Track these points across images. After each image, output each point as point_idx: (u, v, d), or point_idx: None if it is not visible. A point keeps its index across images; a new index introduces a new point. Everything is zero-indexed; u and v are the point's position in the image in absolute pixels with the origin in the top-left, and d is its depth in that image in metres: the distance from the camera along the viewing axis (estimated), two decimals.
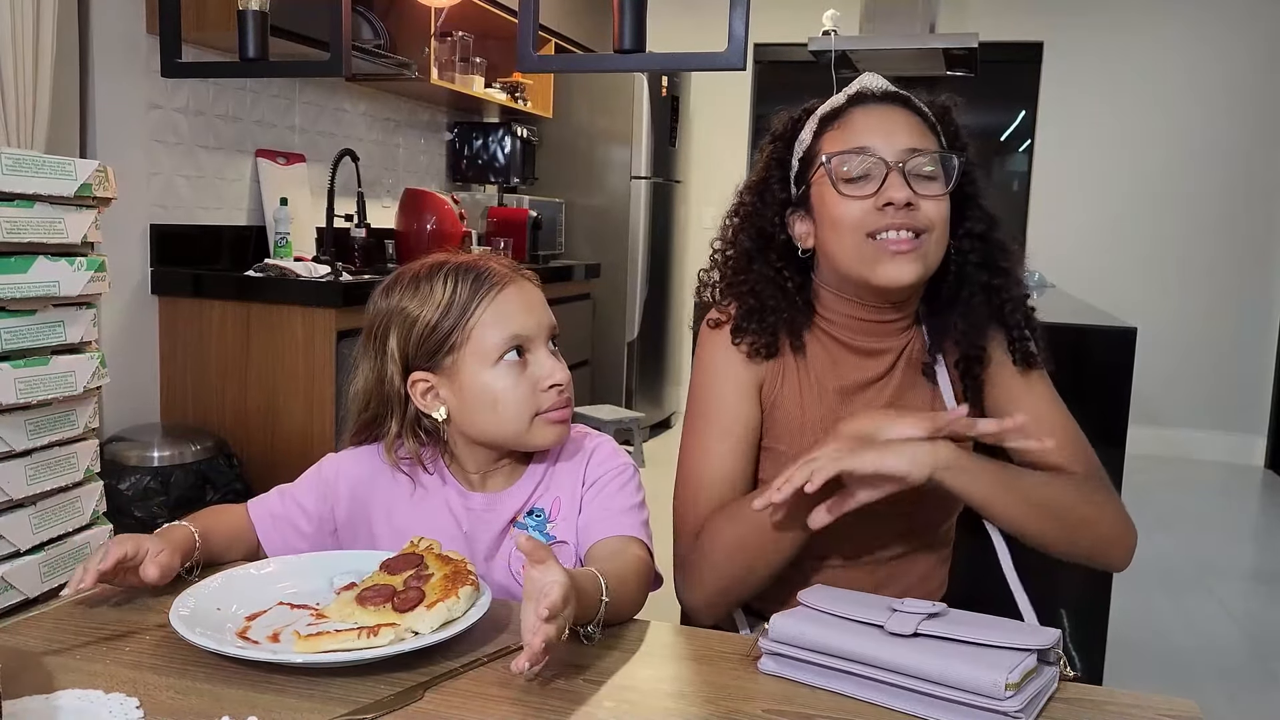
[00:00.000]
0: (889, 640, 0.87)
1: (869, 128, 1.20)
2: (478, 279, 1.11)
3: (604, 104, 5.10)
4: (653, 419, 5.45)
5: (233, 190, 3.23)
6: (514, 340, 1.09)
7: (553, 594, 0.81)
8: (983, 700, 0.82)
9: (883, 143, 1.18)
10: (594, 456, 1.17)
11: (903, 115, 1.21)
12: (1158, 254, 5.37)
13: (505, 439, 1.12)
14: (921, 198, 1.16)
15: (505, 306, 1.10)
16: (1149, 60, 5.31)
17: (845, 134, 1.21)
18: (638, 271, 5.18)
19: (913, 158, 1.17)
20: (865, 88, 1.24)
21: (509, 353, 1.09)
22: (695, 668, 0.95)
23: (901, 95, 1.23)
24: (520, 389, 1.09)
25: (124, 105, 2.77)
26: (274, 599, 1.00)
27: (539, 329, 1.12)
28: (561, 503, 1.15)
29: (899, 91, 1.24)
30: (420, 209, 3.75)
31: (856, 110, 1.22)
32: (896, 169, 1.16)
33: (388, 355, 1.12)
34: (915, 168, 1.17)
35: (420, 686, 0.85)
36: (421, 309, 1.10)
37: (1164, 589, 3.31)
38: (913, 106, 1.22)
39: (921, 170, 1.17)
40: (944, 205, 1.19)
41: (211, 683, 0.85)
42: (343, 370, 2.76)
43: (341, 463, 1.20)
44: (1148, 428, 4.99)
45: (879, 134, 1.19)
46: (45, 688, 0.82)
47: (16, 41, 2.17)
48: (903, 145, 1.17)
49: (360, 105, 3.87)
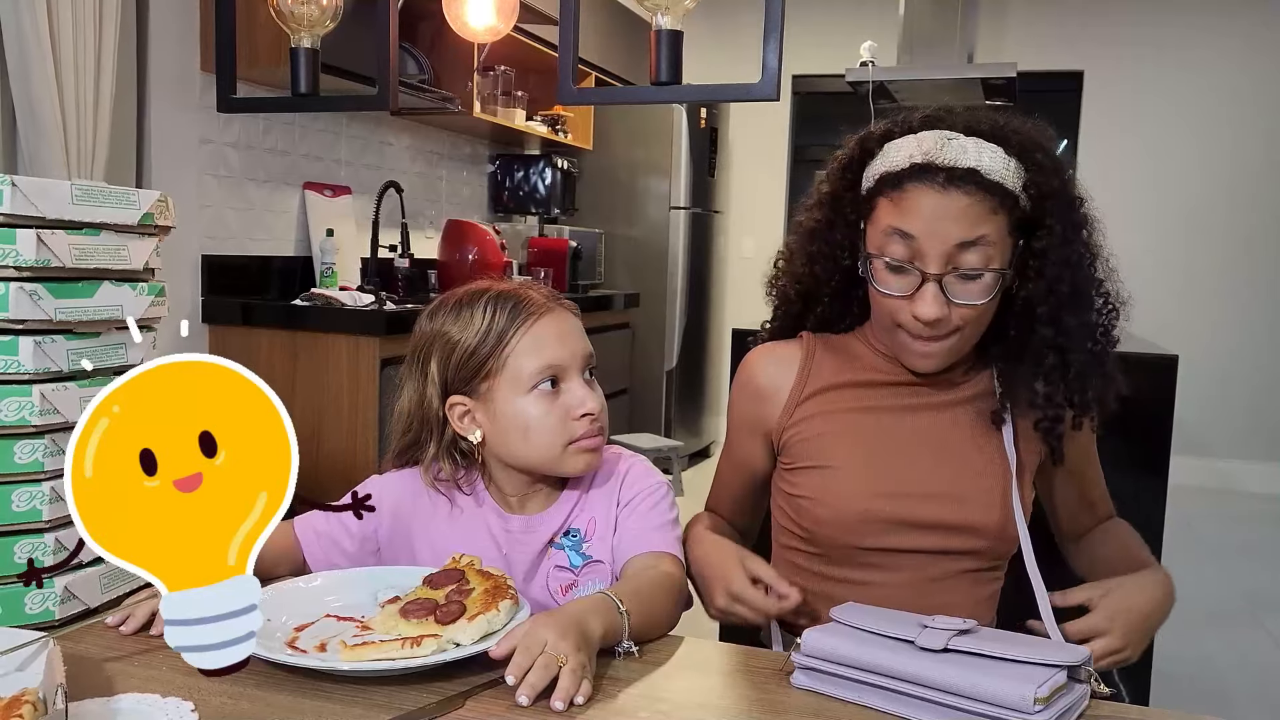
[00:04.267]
0: (920, 655, 0.89)
1: (920, 214, 1.12)
2: (515, 307, 1.13)
3: (643, 136, 5.16)
4: (691, 448, 5.46)
5: (281, 222, 3.31)
6: (547, 369, 1.11)
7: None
8: (1011, 714, 0.83)
9: (929, 238, 1.11)
10: (628, 477, 1.20)
11: (963, 203, 1.11)
12: (1199, 281, 5.31)
13: (537, 465, 1.14)
14: (956, 306, 1.13)
15: (540, 335, 1.12)
16: (1189, 89, 5.28)
17: (898, 210, 1.14)
18: (677, 301, 5.21)
19: (960, 255, 1.11)
20: (930, 160, 1.12)
21: (543, 382, 1.11)
22: (728, 681, 0.96)
23: (969, 173, 1.11)
24: (552, 417, 1.11)
25: (178, 139, 2.86)
26: (321, 611, 1.03)
27: (573, 359, 1.13)
28: (597, 523, 1.17)
29: (968, 169, 1.11)
30: (462, 239, 3.82)
31: (915, 187, 1.13)
32: (934, 279, 1.12)
33: (428, 378, 1.15)
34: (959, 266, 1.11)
35: (461, 695, 0.88)
36: (462, 334, 1.13)
37: (1210, 621, 3.25)
38: (981, 182, 1.11)
39: (966, 271, 1.12)
40: (982, 307, 1.14)
41: (262, 689, 0.88)
42: (386, 397, 2.81)
43: (384, 484, 1.23)
44: (1191, 458, 4.92)
45: (929, 224, 1.11)
46: (105, 691, 0.86)
47: (79, 78, 2.27)
48: (954, 239, 1.10)
49: (404, 139, 3.96)
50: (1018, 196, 1.13)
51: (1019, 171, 1.13)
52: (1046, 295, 1.14)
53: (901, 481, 1.20)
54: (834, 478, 1.22)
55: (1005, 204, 1.12)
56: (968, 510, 1.19)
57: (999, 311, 1.18)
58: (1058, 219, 1.14)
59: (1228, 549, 4.19)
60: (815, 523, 1.23)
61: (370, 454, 2.82)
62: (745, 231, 6.09)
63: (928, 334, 1.15)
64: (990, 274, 1.12)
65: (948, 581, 1.22)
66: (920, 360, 1.19)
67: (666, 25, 1.43)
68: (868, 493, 1.20)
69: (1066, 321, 1.14)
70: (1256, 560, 4.10)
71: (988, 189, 1.11)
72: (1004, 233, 1.13)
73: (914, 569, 1.21)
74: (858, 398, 1.25)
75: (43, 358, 0.97)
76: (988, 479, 1.21)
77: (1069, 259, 1.14)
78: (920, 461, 1.21)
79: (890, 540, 1.20)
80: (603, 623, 0.94)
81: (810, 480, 1.23)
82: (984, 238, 1.11)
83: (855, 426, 1.24)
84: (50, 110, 2.19)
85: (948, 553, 1.21)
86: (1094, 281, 1.18)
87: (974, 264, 1.11)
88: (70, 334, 1.00)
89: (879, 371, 1.26)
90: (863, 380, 1.26)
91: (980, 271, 1.12)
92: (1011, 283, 1.16)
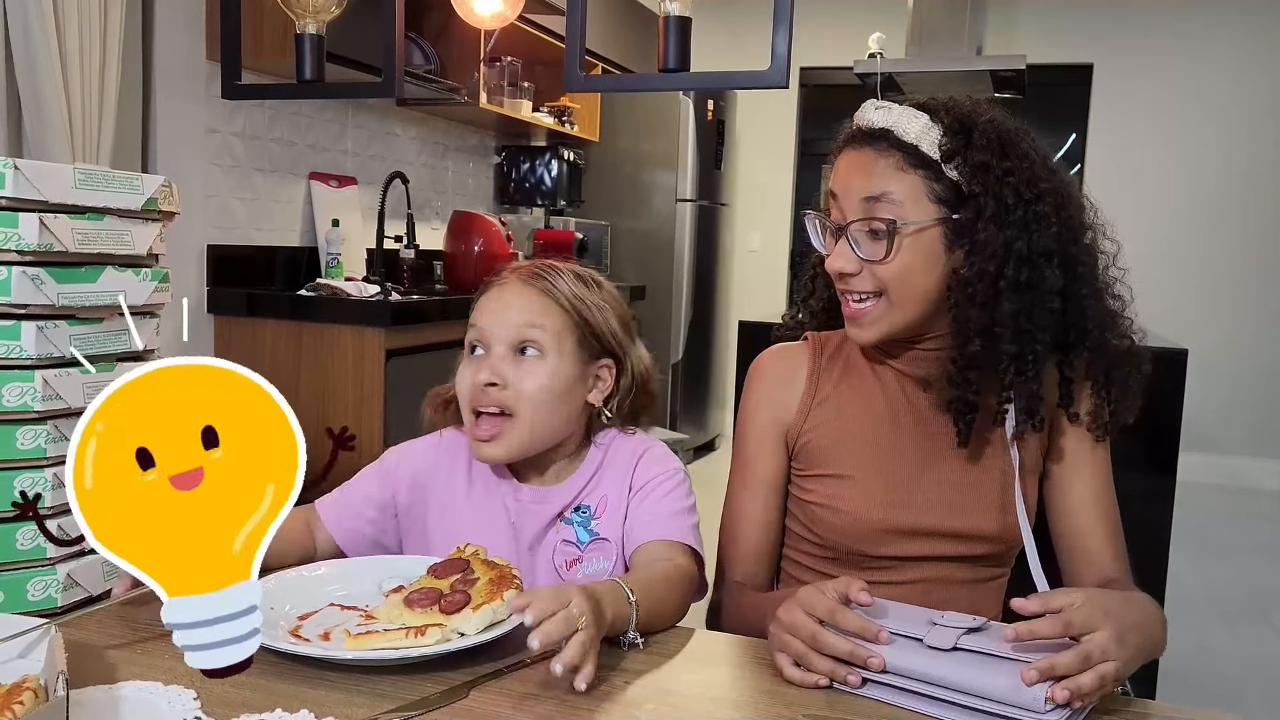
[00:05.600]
0: (929, 653, 0.88)
1: (839, 173, 1.18)
2: (486, 281, 1.19)
3: (649, 128, 5.15)
4: (697, 441, 5.46)
5: (286, 212, 3.30)
6: (473, 334, 1.16)
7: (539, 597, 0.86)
8: (1024, 714, 0.82)
9: (842, 194, 1.16)
10: (642, 460, 1.20)
11: (869, 157, 1.15)
12: (1209, 276, 5.29)
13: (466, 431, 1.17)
14: (867, 264, 1.14)
15: (481, 304, 1.17)
16: (1199, 81, 5.25)
17: (833, 177, 1.19)
18: (682, 294, 5.20)
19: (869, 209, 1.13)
20: (857, 125, 1.19)
21: (475, 348, 1.16)
22: (736, 673, 0.95)
23: (882, 133, 1.14)
24: (464, 381, 1.15)
25: (183, 129, 2.86)
26: (325, 600, 1.03)
27: (497, 328, 1.14)
28: (608, 501, 1.18)
29: (881, 128, 1.15)
30: (468, 231, 3.81)
31: (843, 151, 1.19)
32: (843, 231, 1.15)
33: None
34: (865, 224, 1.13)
35: (466, 685, 0.87)
36: None
37: (1219, 618, 3.24)
38: (892, 140, 1.14)
39: (872, 226, 1.13)
40: (899, 263, 1.13)
41: (265, 677, 0.87)
42: (391, 388, 2.80)
43: (403, 452, 1.25)
44: (1200, 454, 4.90)
45: (842, 183, 1.16)
46: (108, 679, 0.85)
47: (84, 67, 2.26)
48: (860, 193, 1.14)
49: (410, 129, 3.95)
50: (934, 161, 1.12)
51: (944, 140, 1.13)
52: (979, 275, 1.11)
53: (913, 490, 1.19)
54: (849, 487, 1.21)
55: (916, 165, 1.12)
56: (974, 516, 1.19)
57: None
58: (989, 195, 1.11)
59: (1236, 546, 4.17)
60: (831, 531, 1.22)
61: (376, 445, 2.81)
62: (752, 225, 6.08)
63: (845, 288, 1.16)
64: (892, 230, 1.11)
65: (953, 584, 1.22)
66: (851, 327, 1.18)
67: (675, 12, 1.41)
68: (883, 503, 1.19)
69: (1003, 307, 1.10)
70: (1265, 557, 4.08)
71: (898, 147, 1.13)
72: (918, 195, 1.12)
73: (920, 572, 1.21)
74: (865, 399, 1.24)
75: (45, 343, 0.96)
76: (992, 481, 1.20)
77: (1009, 242, 1.10)
78: (928, 466, 1.20)
79: (900, 547, 1.20)
80: (612, 609, 0.94)
81: (825, 488, 1.22)
82: (888, 194, 1.12)
83: (866, 431, 1.23)
84: (55, 100, 2.19)
85: (954, 558, 1.20)
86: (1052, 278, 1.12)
87: (877, 217, 1.12)
88: (73, 319, 0.99)
89: (884, 370, 1.25)
90: (868, 380, 1.25)
91: (882, 223, 1.12)
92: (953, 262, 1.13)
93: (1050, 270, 1.11)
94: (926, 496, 1.19)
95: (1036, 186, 1.12)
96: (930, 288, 1.14)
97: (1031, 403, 1.14)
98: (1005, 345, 1.11)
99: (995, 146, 1.12)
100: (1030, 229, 1.11)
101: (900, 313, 1.15)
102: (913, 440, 1.21)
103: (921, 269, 1.13)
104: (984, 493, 1.19)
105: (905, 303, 1.14)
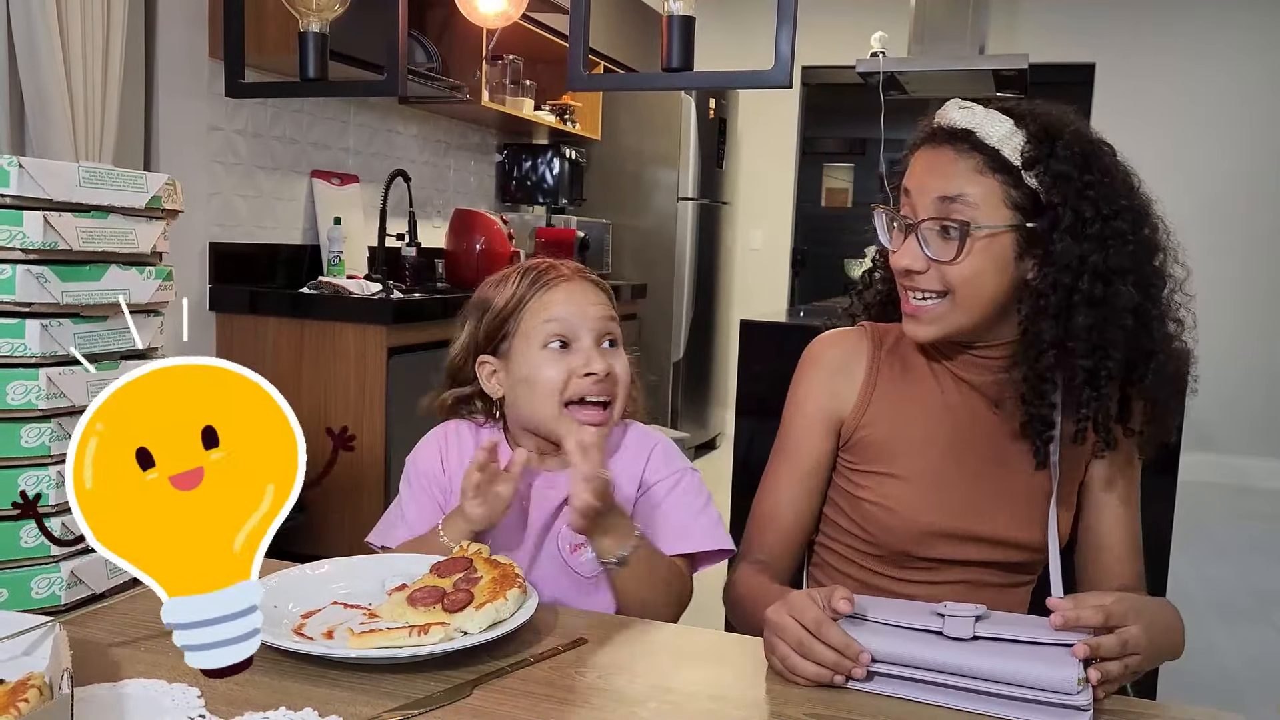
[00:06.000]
0: (951, 644, 0.88)
1: (915, 170, 1.16)
2: (539, 276, 1.22)
3: (651, 126, 5.14)
4: (698, 439, 5.46)
5: (288, 210, 3.31)
6: (554, 328, 1.18)
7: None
8: (1057, 696, 0.83)
9: (916, 192, 1.15)
10: (652, 459, 1.25)
11: (948, 157, 1.13)
12: (1211, 275, 5.27)
13: (539, 422, 1.19)
14: (934, 263, 1.13)
15: (554, 298, 1.20)
16: (1201, 81, 5.25)
17: (908, 174, 1.18)
18: (684, 292, 5.20)
19: (942, 209, 1.12)
20: (937, 122, 1.17)
21: (552, 341, 1.18)
22: (737, 671, 0.95)
23: (964, 134, 1.13)
24: (554, 372, 1.17)
25: (186, 127, 2.86)
26: (328, 598, 1.03)
27: (583, 321, 1.19)
28: (617, 490, 1.20)
29: (963, 129, 1.13)
30: (470, 229, 3.81)
31: (919, 149, 1.18)
32: (912, 228, 1.14)
33: (470, 338, 1.25)
34: (938, 223, 1.12)
35: (469, 684, 0.87)
36: (496, 299, 1.22)
37: (1221, 619, 3.24)
38: (973, 143, 1.12)
39: (945, 224, 1.12)
40: (968, 266, 1.12)
41: (269, 676, 0.87)
42: (393, 386, 2.80)
43: (421, 454, 1.28)
44: (1202, 454, 4.90)
45: (918, 180, 1.15)
46: (112, 676, 0.85)
47: (87, 65, 2.26)
48: (935, 192, 1.12)
49: (412, 128, 3.95)
50: (1015, 167, 1.11)
51: (1027, 147, 1.11)
52: (1053, 287, 1.10)
53: (965, 496, 1.20)
54: (903, 488, 1.21)
55: (996, 169, 1.11)
56: (1019, 525, 1.20)
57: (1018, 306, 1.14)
58: (1068, 207, 1.10)
59: (1238, 545, 4.17)
60: (880, 529, 1.22)
61: (378, 443, 2.81)
62: (753, 223, 6.08)
63: (909, 285, 1.15)
64: (965, 232, 1.10)
65: (986, 587, 1.23)
66: (909, 324, 1.18)
67: (679, 11, 1.41)
68: (936, 507, 1.19)
69: (1077, 321, 1.09)
70: (1266, 556, 4.08)
71: (979, 149, 1.12)
72: (994, 199, 1.11)
73: (958, 574, 1.22)
74: (924, 400, 1.23)
75: (50, 341, 0.96)
76: (1038, 490, 1.20)
77: (1084, 256, 1.09)
78: (981, 473, 1.20)
79: (945, 550, 1.20)
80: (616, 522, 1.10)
81: (881, 486, 1.22)
82: (964, 195, 1.11)
83: (923, 432, 1.22)
84: (58, 97, 2.19)
85: (993, 563, 1.22)
86: (1126, 295, 1.10)
87: (950, 219, 1.11)
88: (77, 317, 0.99)
89: (941, 371, 1.23)
90: (926, 379, 1.24)
91: (954, 225, 1.11)
92: (1023, 271, 1.13)
93: (1125, 287, 1.10)
94: (977, 503, 1.19)
95: (1116, 203, 1.11)
96: (997, 293, 1.13)
97: (1103, 419, 1.13)
98: (1080, 360, 1.10)
99: (1078, 158, 1.11)
100: (1107, 245, 1.10)
101: (963, 315, 1.14)
102: (967, 446, 1.21)
103: (990, 273, 1.12)
104: (1030, 502, 1.20)
105: (969, 305, 1.14)
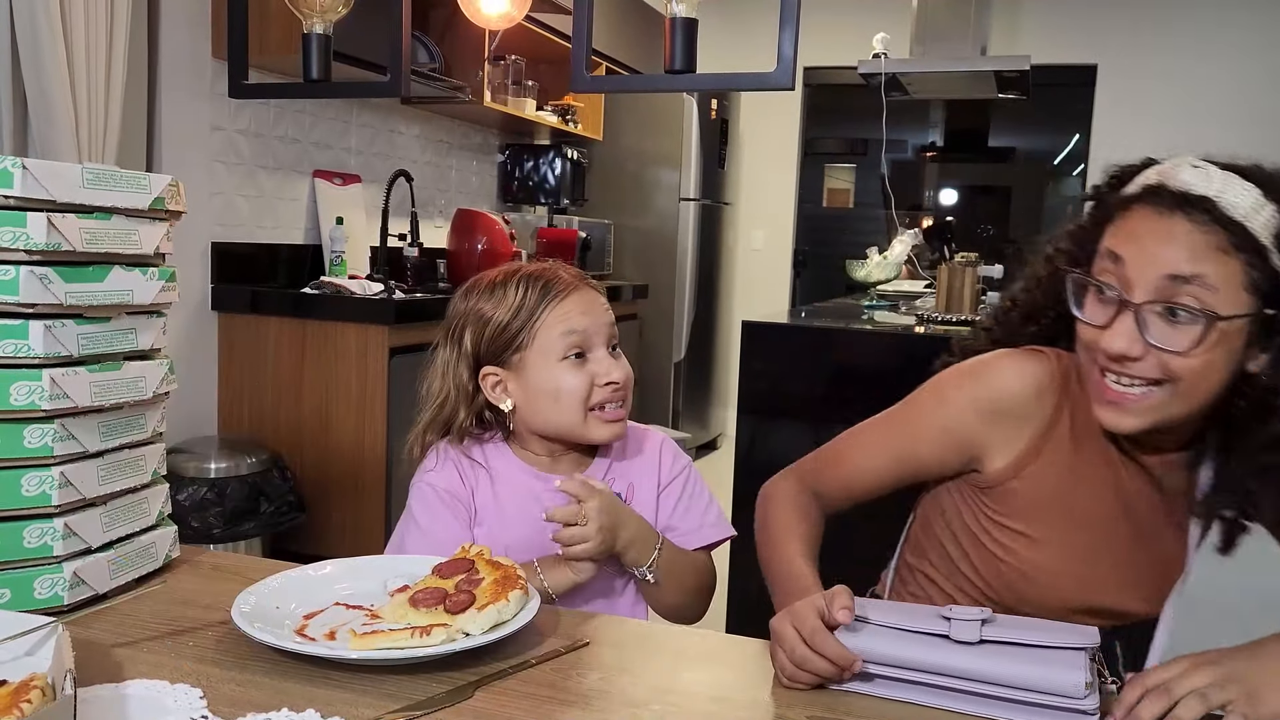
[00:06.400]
0: (958, 648, 0.88)
1: (1134, 236, 1.00)
2: (546, 285, 1.22)
3: (653, 127, 5.15)
4: (699, 440, 5.46)
5: (290, 210, 3.31)
6: (575, 340, 1.20)
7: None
8: (1064, 700, 0.83)
9: (1137, 262, 0.98)
10: (663, 456, 1.30)
11: (1183, 229, 0.97)
12: None
13: (565, 430, 1.22)
14: (1155, 349, 0.98)
15: (568, 310, 1.21)
16: (1203, 81, 5.24)
17: (1116, 232, 1.03)
18: (685, 292, 5.20)
19: (1171, 290, 0.96)
20: (1163, 182, 1.02)
21: (570, 353, 1.20)
22: (739, 673, 0.96)
23: (1200, 200, 0.97)
24: (578, 384, 1.20)
25: (188, 127, 2.86)
26: (330, 599, 1.03)
27: (598, 331, 1.22)
28: (635, 491, 1.26)
29: (1201, 195, 0.98)
30: (472, 229, 3.81)
31: (1139, 209, 1.02)
32: (1131, 309, 0.99)
33: (462, 351, 1.23)
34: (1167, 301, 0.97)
35: (471, 685, 0.87)
36: (495, 310, 1.22)
37: (1221, 617, 3.23)
38: (1214, 214, 0.96)
39: (1174, 307, 0.96)
40: (1203, 358, 0.97)
41: (271, 676, 0.87)
42: (395, 386, 2.81)
43: (439, 475, 1.25)
44: None
45: (1141, 247, 0.99)
46: (115, 677, 0.85)
47: (90, 65, 2.26)
48: (1165, 269, 0.97)
49: (414, 128, 3.95)
50: (1263, 246, 0.96)
51: (1276, 222, 0.97)
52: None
53: (1107, 575, 1.14)
54: (1050, 559, 1.13)
55: (1241, 247, 0.95)
56: (1142, 600, 1.16)
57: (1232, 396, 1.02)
58: None
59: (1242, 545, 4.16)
60: (1012, 593, 1.15)
61: (379, 443, 2.82)
62: (755, 224, 6.08)
63: (1116, 370, 1.01)
64: (1202, 321, 0.95)
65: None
66: (1108, 411, 1.03)
67: (682, 13, 1.41)
68: (1077, 584, 1.14)
69: None
70: (1268, 556, 4.07)
71: (1222, 223, 0.96)
72: (1234, 282, 0.96)
73: None
74: (1097, 486, 1.13)
75: (53, 342, 0.96)
76: (1169, 570, 1.16)
77: None
78: (1127, 552, 1.14)
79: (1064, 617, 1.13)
80: (635, 534, 1.14)
81: (1020, 548, 1.15)
82: (1202, 277, 0.95)
83: (1086, 500, 1.13)
84: (61, 97, 2.19)
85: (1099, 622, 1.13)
86: None
87: (1184, 303, 0.96)
88: (81, 318, 0.99)
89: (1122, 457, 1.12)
90: (1103, 462, 1.12)
91: (1189, 313, 0.96)
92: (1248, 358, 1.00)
93: None
94: (1116, 582, 1.15)
95: None
96: (1220, 385, 1.00)
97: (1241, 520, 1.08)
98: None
99: None
100: None
101: (1180, 407, 1.01)
102: (1122, 524, 1.13)
103: (1221, 366, 0.98)
104: (1163, 579, 1.16)
105: (1191, 398, 1.00)
